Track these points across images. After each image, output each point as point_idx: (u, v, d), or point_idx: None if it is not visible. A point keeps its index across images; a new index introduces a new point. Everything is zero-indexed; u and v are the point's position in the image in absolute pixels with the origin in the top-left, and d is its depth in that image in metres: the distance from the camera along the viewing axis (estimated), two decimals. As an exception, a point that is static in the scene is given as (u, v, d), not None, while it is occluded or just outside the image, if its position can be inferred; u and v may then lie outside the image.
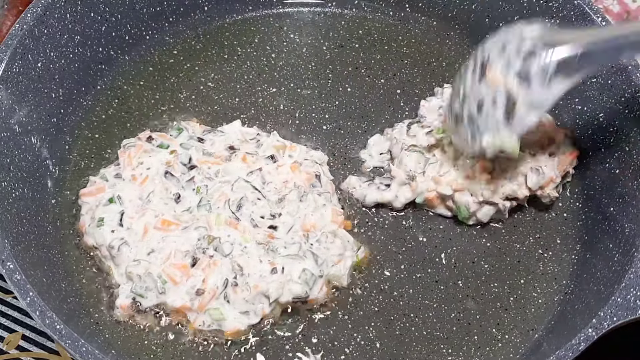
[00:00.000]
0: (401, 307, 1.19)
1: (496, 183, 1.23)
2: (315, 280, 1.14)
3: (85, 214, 1.21)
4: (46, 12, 1.24)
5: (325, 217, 1.20)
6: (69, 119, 1.33)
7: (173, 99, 1.40)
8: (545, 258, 1.25)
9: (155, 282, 1.12)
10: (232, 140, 1.28)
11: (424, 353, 1.15)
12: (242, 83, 1.43)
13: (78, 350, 0.97)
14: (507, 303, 1.21)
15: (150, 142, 1.27)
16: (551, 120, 1.30)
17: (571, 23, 1.32)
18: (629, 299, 1.04)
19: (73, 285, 1.18)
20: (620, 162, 1.24)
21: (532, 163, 1.24)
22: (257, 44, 1.48)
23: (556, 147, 1.27)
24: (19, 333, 1.27)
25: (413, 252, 1.25)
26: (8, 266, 1.02)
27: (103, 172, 1.25)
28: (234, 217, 1.18)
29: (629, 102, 1.22)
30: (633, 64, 1.23)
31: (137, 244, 1.16)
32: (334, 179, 1.30)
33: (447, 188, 1.23)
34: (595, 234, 1.25)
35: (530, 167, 1.23)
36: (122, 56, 1.43)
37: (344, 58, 1.47)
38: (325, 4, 1.54)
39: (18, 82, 1.20)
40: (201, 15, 1.50)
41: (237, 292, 1.12)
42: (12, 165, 1.17)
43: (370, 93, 1.42)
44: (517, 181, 1.23)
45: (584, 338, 1.01)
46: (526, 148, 1.24)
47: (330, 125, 1.38)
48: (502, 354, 1.16)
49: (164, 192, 1.21)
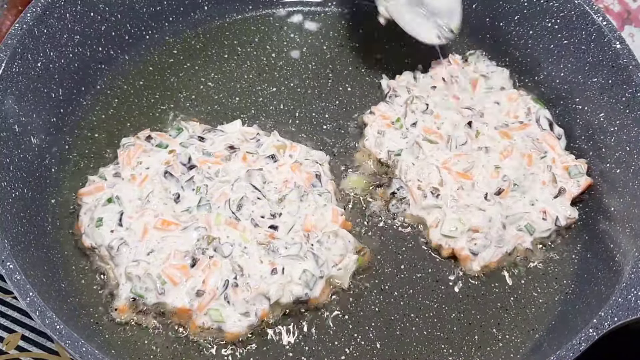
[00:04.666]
0: (401, 307, 1.19)
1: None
2: (315, 281, 1.14)
3: (83, 215, 1.21)
4: (46, 12, 1.24)
5: (325, 217, 1.20)
6: (69, 119, 1.33)
7: (173, 99, 1.40)
8: (546, 258, 1.25)
9: (155, 283, 1.12)
10: (232, 139, 1.28)
11: (424, 353, 1.15)
12: (242, 83, 1.43)
13: (78, 350, 0.97)
14: (507, 303, 1.21)
15: (149, 142, 1.27)
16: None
17: (571, 23, 1.32)
18: (630, 299, 1.04)
19: (73, 285, 1.18)
20: (620, 162, 1.24)
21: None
22: (257, 44, 1.48)
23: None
24: (18, 333, 1.27)
25: (413, 252, 1.25)
26: (8, 266, 1.02)
27: (102, 171, 1.24)
28: (234, 217, 1.18)
29: (629, 102, 1.22)
30: (633, 63, 1.23)
31: (136, 244, 1.16)
32: (334, 178, 1.29)
33: (476, 265, 1.22)
34: (596, 234, 1.25)
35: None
36: (122, 56, 1.42)
37: (344, 58, 1.47)
38: (325, 4, 1.54)
39: (18, 82, 1.20)
40: (201, 15, 1.49)
41: (238, 293, 1.12)
42: (12, 165, 1.17)
43: (371, 93, 1.42)
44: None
45: (585, 338, 1.01)
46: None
47: (330, 125, 1.38)
48: (503, 354, 1.16)
49: (163, 192, 1.21)
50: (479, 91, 1.37)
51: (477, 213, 1.22)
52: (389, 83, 1.39)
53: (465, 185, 1.25)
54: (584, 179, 1.27)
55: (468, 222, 1.21)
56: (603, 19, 1.28)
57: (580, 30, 1.31)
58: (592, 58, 1.30)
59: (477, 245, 1.20)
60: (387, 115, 1.33)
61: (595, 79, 1.29)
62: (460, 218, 1.21)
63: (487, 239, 1.20)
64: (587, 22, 1.30)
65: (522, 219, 1.22)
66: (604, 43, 1.27)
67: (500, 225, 1.21)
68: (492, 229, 1.21)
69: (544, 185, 1.26)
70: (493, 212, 1.22)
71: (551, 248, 1.26)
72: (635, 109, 1.21)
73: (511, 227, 1.22)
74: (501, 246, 1.21)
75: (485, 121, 1.31)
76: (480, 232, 1.20)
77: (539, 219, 1.23)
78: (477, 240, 1.20)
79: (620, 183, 1.23)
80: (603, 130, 1.28)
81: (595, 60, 1.29)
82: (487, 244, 1.20)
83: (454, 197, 1.23)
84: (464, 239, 1.21)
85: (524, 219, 1.22)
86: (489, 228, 1.21)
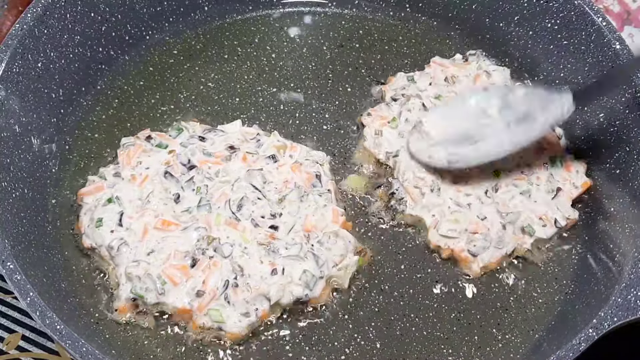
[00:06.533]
0: (401, 307, 1.19)
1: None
2: (316, 281, 1.14)
3: (83, 215, 1.21)
4: (46, 12, 1.24)
5: (326, 217, 1.20)
6: (69, 119, 1.33)
7: (173, 99, 1.40)
8: (545, 258, 1.25)
9: (155, 283, 1.12)
10: (232, 140, 1.28)
11: (424, 353, 1.15)
12: (242, 83, 1.43)
13: (78, 350, 0.97)
14: (507, 303, 1.21)
15: (149, 142, 1.27)
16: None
17: (571, 23, 1.32)
18: (630, 299, 1.04)
19: (73, 285, 1.18)
20: (620, 162, 1.24)
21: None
22: (257, 44, 1.48)
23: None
24: (18, 333, 1.27)
25: (413, 252, 1.25)
26: (8, 266, 1.02)
27: (102, 171, 1.25)
28: (234, 217, 1.18)
29: (629, 102, 1.22)
30: (633, 64, 1.23)
31: (136, 245, 1.16)
32: (334, 179, 1.30)
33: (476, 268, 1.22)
34: (595, 234, 1.25)
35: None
36: (122, 56, 1.43)
37: (344, 58, 1.47)
38: (325, 4, 1.54)
39: (18, 82, 1.20)
40: (201, 15, 1.50)
41: (238, 293, 1.12)
42: (12, 165, 1.17)
43: (370, 93, 1.42)
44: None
45: (585, 338, 1.01)
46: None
47: (330, 125, 1.38)
48: (502, 354, 1.16)
49: (163, 192, 1.21)
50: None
51: (474, 212, 1.22)
52: (382, 87, 1.39)
53: (463, 184, 1.25)
54: (583, 180, 1.27)
55: (465, 221, 1.21)
56: (603, 20, 1.28)
57: (580, 31, 1.31)
58: (592, 58, 1.30)
59: (477, 246, 1.20)
60: (384, 115, 1.33)
61: (595, 79, 1.29)
62: (457, 218, 1.21)
63: (486, 240, 1.20)
64: (587, 22, 1.30)
65: (520, 219, 1.22)
66: (604, 43, 1.27)
67: (500, 226, 1.21)
68: (492, 230, 1.21)
69: (540, 182, 1.26)
70: (490, 210, 1.22)
71: (551, 248, 1.26)
72: (635, 109, 1.21)
73: (511, 228, 1.22)
74: (501, 247, 1.21)
75: None
76: (480, 234, 1.20)
77: (539, 222, 1.23)
78: (477, 242, 1.20)
79: (620, 183, 1.23)
80: (603, 130, 1.28)
81: (595, 60, 1.29)
82: (486, 245, 1.20)
83: (451, 197, 1.24)
84: (464, 241, 1.21)
85: (524, 220, 1.22)
86: (488, 229, 1.21)
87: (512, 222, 1.22)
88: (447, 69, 1.39)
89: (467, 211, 1.22)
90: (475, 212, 1.22)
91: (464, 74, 1.38)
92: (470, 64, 1.40)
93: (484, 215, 1.22)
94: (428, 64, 1.41)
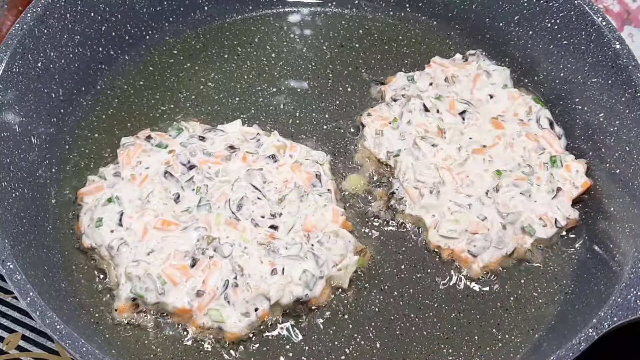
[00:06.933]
0: (401, 307, 1.19)
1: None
2: (316, 281, 1.14)
3: (83, 215, 1.21)
4: (46, 12, 1.24)
5: (326, 217, 1.20)
6: (69, 119, 1.33)
7: (173, 99, 1.40)
8: (545, 258, 1.25)
9: (155, 283, 1.12)
10: (232, 139, 1.28)
11: (424, 353, 1.15)
12: (242, 83, 1.43)
13: (78, 350, 0.97)
14: (507, 303, 1.21)
15: (149, 142, 1.27)
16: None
17: (571, 23, 1.32)
18: (629, 299, 1.04)
19: (73, 285, 1.18)
20: (620, 162, 1.24)
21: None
22: (257, 44, 1.48)
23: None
24: (18, 333, 1.27)
25: (413, 252, 1.25)
26: (8, 266, 1.02)
27: (102, 171, 1.25)
28: (234, 217, 1.18)
29: (629, 102, 1.22)
30: (633, 64, 1.23)
31: (136, 244, 1.16)
32: (334, 178, 1.30)
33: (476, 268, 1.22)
34: (595, 234, 1.25)
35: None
36: (122, 56, 1.43)
37: (344, 58, 1.47)
38: (325, 4, 1.54)
39: (18, 82, 1.20)
40: (201, 15, 1.50)
41: (238, 293, 1.12)
42: (12, 165, 1.17)
43: (370, 93, 1.42)
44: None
45: (585, 338, 1.01)
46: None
47: (330, 125, 1.38)
48: (503, 354, 1.16)
49: (163, 192, 1.21)
50: (480, 87, 1.36)
51: (474, 212, 1.22)
52: (382, 87, 1.39)
53: (463, 184, 1.25)
54: (583, 180, 1.27)
55: (465, 221, 1.21)
56: (603, 20, 1.28)
57: (580, 31, 1.31)
58: (591, 58, 1.30)
59: (477, 247, 1.20)
60: (384, 116, 1.33)
61: (595, 79, 1.29)
62: (457, 218, 1.21)
63: (486, 240, 1.20)
64: (587, 22, 1.30)
65: (521, 219, 1.22)
66: (604, 43, 1.27)
67: (500, 227, 1.21)
68: (492, 231, 1.21)
69: (540, 182, 1.26)
70: (490, 211, 1.22)
71: (551, 248, 1.26)
72: (635, 109, 1.21)
73: (511, 228, 1.22)
74: (501, 248, 1.21)
75: (479, 112, 1.33)
76: (480, 234, 1.20)
77: (539, 222, 1.23)
78: (477, 242, 1.20)
79: (620, 183, 1.23)
80: (603, 130, 1.28)
81: (595, 60, 1.29)
82: (486, 245, 1.20)
83: (450, 198, 1.24)
84: (464, 241, 1.21)
85: (524, 220, 1.22)
86: (489, 229, 1.21)
87: (512, 222, 1.22)
88: (447, 69, 1.39)
89: (467, 211, 1.22)
90: (475, 213, 1.22)
91: (464, 74, 1.38)
92: (470, 64, 1.40)
93: (484, 215, 1.22)
94: (428, 64, 1.41)
